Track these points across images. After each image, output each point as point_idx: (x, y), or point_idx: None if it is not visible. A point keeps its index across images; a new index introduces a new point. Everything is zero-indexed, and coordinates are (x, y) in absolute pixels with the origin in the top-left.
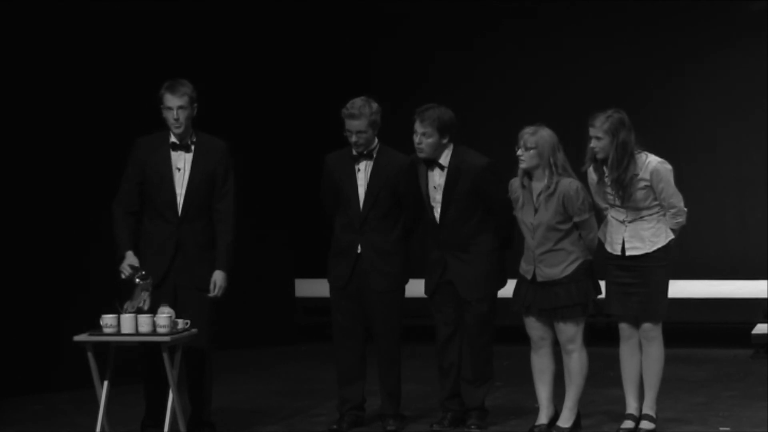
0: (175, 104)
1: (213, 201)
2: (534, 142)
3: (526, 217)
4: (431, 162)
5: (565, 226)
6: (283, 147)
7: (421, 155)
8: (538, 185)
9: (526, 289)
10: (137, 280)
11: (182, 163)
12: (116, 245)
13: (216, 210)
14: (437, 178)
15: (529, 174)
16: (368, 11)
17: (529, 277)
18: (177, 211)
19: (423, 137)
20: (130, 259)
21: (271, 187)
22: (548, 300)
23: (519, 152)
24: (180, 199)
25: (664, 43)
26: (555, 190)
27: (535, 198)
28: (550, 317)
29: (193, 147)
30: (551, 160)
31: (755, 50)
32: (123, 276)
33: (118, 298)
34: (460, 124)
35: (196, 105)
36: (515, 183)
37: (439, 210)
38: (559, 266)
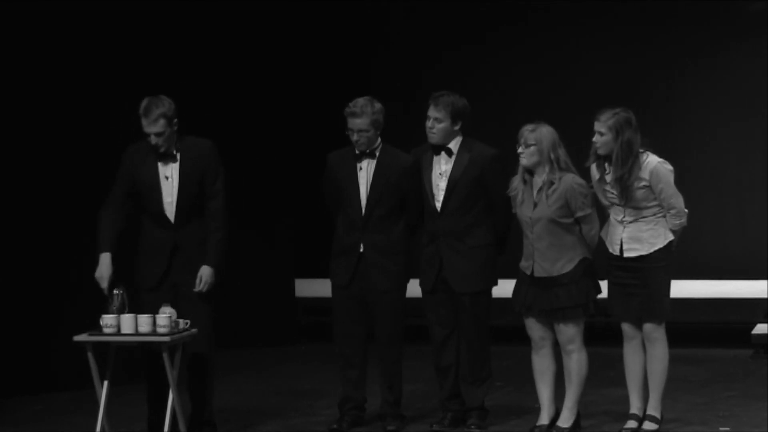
0: (150, 131)
1: (204, 200)
2: (534, 138)
3: (525, 212)
4: (439, 148)
5: (566, 221)
6: (283, 147)
7: (432, 140)
8: (539, 181)
9: (526, 289)
10: (115, 292)
11: (170, 171)
12: (96, 244)
13: (207, 208)
14: (443, 165)
15: (530, 171)
16: (369, 11)
17: (528, 272)
18: (170, 219)
19: (435, 122)
20: (104, 267)
21: (272, 187)
22: (548, 301)
23: (519, 149)
24: (172, 208)
25: (664, 43)
26: (558, 185)
27: (535, 193)
28: (550, 318)
29: (178, 155)
30: (552, 156)
31: (755, 50)
32: (102, 287)
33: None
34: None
35: (176, 120)
36: (515, 180)
37: (441, 197)
38: (558, 262)
